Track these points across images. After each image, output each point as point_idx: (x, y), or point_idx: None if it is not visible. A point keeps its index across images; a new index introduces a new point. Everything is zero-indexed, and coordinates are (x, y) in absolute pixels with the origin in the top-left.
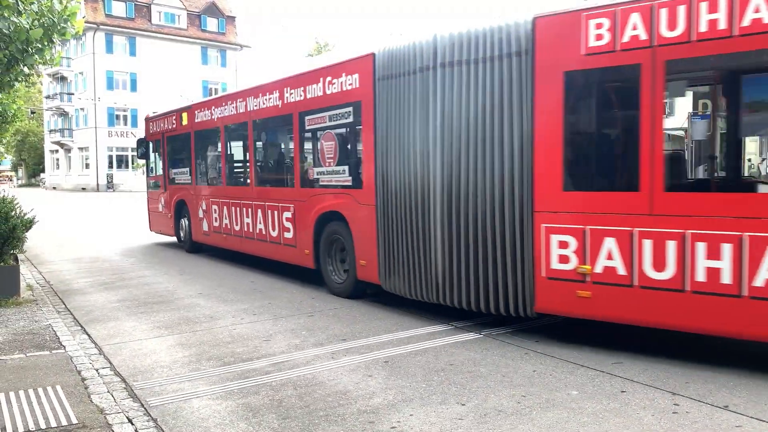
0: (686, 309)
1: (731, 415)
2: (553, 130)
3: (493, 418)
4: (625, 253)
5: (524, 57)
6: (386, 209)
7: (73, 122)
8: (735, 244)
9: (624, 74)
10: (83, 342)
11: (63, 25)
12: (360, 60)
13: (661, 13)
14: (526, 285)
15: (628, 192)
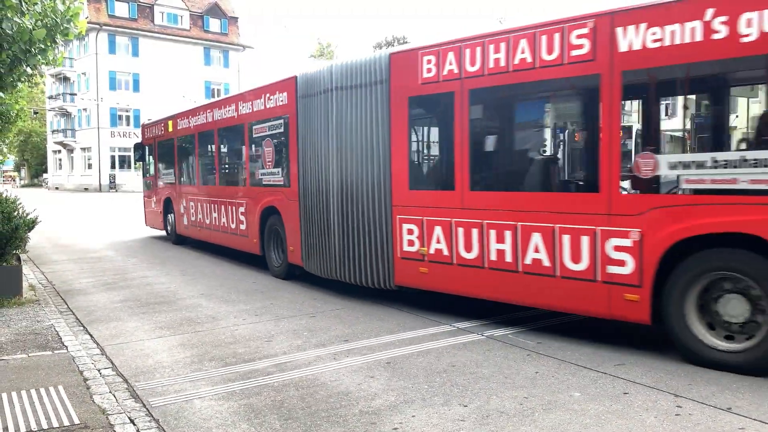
0: (486, 282)
1: (734, 417)
2: (402, 143)
3: (495, 419)
4: (447, 238)
5: (384, 84)
6: (305, 204)
7: (75, 123)
8: (512, 231)
9: (444, 99)
10: (85, 342)
11: (66, 26)
12: (287, 81)
13: (466, 52)
14: (389, 264)
15: (448, 191)
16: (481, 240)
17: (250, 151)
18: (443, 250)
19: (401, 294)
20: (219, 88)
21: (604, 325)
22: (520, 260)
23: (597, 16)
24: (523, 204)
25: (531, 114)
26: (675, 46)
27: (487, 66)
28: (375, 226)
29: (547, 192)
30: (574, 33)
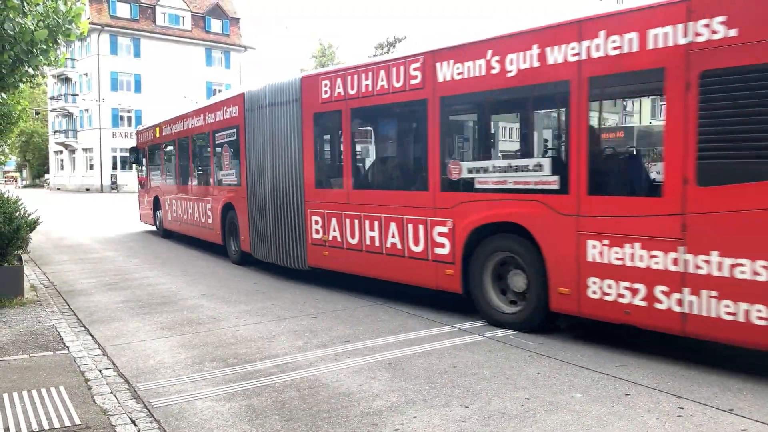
0: (364, 262)
1: (736, 418)
2: (310, 150)
3: (497, 420)
4: (339, 228)
5: (298, 103)
6: (251, 201)
7: (77, 123)
8: (378, 221)
9: (335, 116)
10: (87, 343)
11: (68, 26)
12: (238, 97)
13: (347, 79)
14: (303, 248)
15: (339, 189)
16: (360, 229)
17: (214, 156)
18: (337, 237)
19: (402, 294)
20: (220, 89)
21: (605, 326)
22: (383, 244)
23: (425, 54)
24: (384, 200)
25: (387, 129)
26: (470, 78)
27: (361, 91)
28: (295, 218)
29: (398, 191)
30: (411, 66)
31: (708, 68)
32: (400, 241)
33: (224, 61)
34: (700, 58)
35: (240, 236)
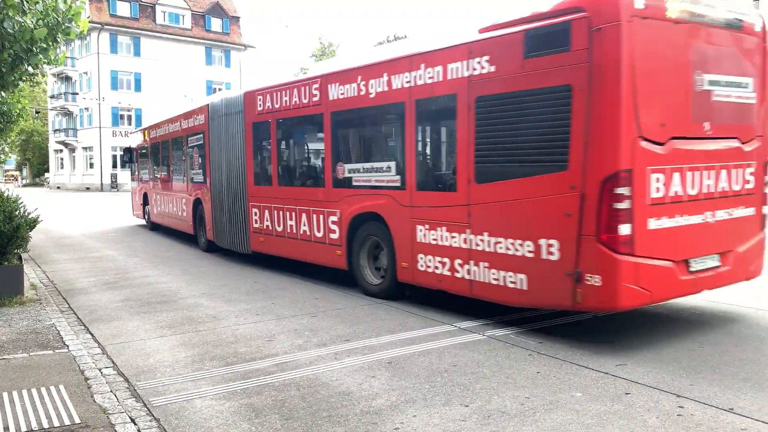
0: (288, 247)
1: (736, 417)
2: (249, 153)
3: (497, 419)
4: (270, 218)
5: (242, 114)
6: (212, 196)
7: (77, 122)
8: (295, 212)
9: (266, 125)
10: (86, 341)
11: (67, 25)
12: (204, 107)
13: (274, 95)
14: (247, 236)
15: (269, 186)
16: (283, 219)
17: (188, 157)
18: (269, 226)
19: (402, 294)
20: (220, 88)
21: (604, 325)
22: (298, 231)
23: (321, 77)
24: (298, 195)
25: (300, 137)
26: (348, 98)
27: (282, 105)
28: (241, 211)
29: (307, 187)
30: (313, 86)
31: (480, 94)
32: (308, 229)
33: (224, 60)
34: (475, 86)
35: (206, 227)
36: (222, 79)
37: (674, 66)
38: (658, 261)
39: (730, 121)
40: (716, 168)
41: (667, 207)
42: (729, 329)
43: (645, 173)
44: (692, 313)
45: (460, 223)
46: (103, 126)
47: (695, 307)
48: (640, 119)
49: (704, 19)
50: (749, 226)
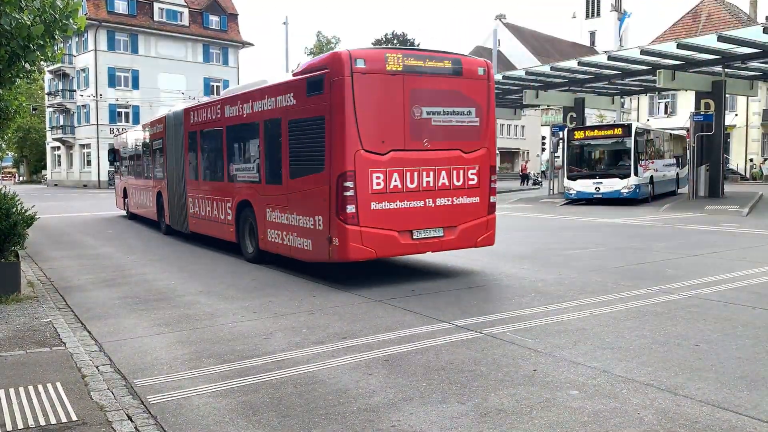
0: (208, 227)
1: (732, 415)
2: (186, 155)
3: (494, 417)
4: (198, 206)
5: (182, 125)
6: (168, 189)
7: (74, 119)
8: (210, 201)
9: (194, 135)
10: (84, 339)
11: (65, 22)
12: (163, 118)
13: (199, 111)
14: (186, 219)
15: (197, 180)
16: (205, 206)
17: (153, 158)
18: (198, 211)
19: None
20: (218, 85)
21: (601, 325)
22: (212, 215)
23: (221, 100)
24: (213, 187)
25: (213, 144)
26: (233, 116)
27: (204, 119)
28: (183, 200)
29: (216, 181)
30: (217, 107)
31: (291, 119)
32: (218, 213)
33: (222, 58)
34: (288, 113)
35: (165, 214)
36: (220, 76)
37: (393, 102)
38: (380, 230)
39: (451, 137)
40: (436, 170)
41: (387, 195)
42: (726, 328)
43: (367, 173)
44: (687, 313)
45: (284, 206)
46: (100, 123)
47: (690, 306)
48: (362, 138)
49: (422, 70)
50: (474, 210)
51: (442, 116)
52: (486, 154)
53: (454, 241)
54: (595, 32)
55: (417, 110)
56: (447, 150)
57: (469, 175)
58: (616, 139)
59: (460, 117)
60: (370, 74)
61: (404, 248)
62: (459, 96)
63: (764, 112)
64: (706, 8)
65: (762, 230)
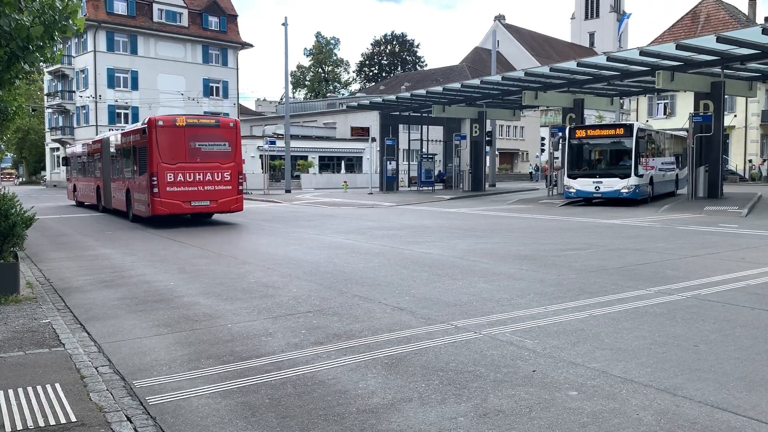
0: (118, 204)
1: (731, 416)
2: (110, 164)
3: (493, 418)
4: (114, 192)
5: (108, 145)
6: (105, 184)
7: (74, 120)
8: (117, 188)
9: (106, 150)
10: (83, 340)
11: (64, 23)
12: (100, 139)
13: (112, 137)
14: (111, 201)
15: (112, 178)
16: (116, 193)
17: (96, 164)
18: (115, 196)
19: (399, 293)
20: (218, 86)
21: (600, 325)
22: (119, 197)
23: (111, 135)
24: (119, 180)
25: (120, 157)
26: (118, 143)
27: (113, 143)
28: (108, 189)
29: (120, 179)
30: (113, 137)
31: (138, 146)
32: (121, 196)
33: (221, 58)
34: (137, 144)
35: (102, 200)
36: (219, 77)
37: (178, 140)
38: (172, 201)
39: (214, 157)
40: (204, 172)
41: (175, 184)
42: (725, 329)
43: (164, 173)
44: (686, 314)
45: (138, 190)
46: (99, 124)
47: (689, 307)
48: (161, 156)
49: (197, 124)
50: (227, 192)
51: (207, 147)
52: (234, 165)
53: (216, 208)
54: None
55: (192, 144)
56: (211, 163)
57: (224, 176)
58: (617, 138)
59: (219, 147)
60: (165, 128)
61: (185, 210)
62: (218, 137)
63: (763, 113)
64: (705, 9)
65: (761, 231)
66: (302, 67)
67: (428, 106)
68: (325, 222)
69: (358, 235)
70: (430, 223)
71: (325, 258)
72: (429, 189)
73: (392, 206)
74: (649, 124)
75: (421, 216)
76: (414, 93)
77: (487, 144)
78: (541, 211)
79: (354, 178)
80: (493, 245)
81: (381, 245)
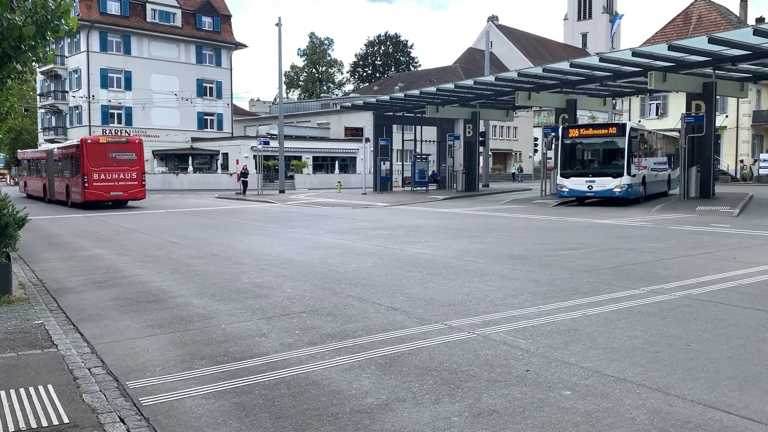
0: (60, 196)
1: (724, 415)
2: (52, 168)
3: (486, 417)
4: (58, 186)
5: (51, 154)
6: (49, 181)
7: (67, 120)
8: (60, 183)
9: (50, 158)
10: (76, 341)
11: (56, 23)
12: (46, 150)
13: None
14: (55, 194)
15: (55, 177)
16: (59, 188)
17: (43, 167)
18: (57, 191)
19: (393, 292)
20: (211, 86)
21: (593, 325)
22: (62, 190)
23: (62, 148)
24: (61, 180)
25: (59, 164)
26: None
27: (55, 153)
28: (53, 185)
29: (62, 178)
30: (56, 149)
31: (74, 156)
32: (62, 190)
33: (215, 59)
34: (74, 154)
35: (48, 193)
36: (213, 77)
37: (101, 152)
38: (97, 191)
39: (125, 163)
40: (119, 173)
41: (99, 180)
42: (717, 328)
43: (91, 174)
44: (678, 313)
45: (74, 185)
46: (93, 124)
47: (682, 306)
48: (90, 163)
49: (114, 141)
50: (135, 186)
51: (120, 156)
52: (139, 168)
53: (126, 196)
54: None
55: (111, 155)
56: (122, 167)
57: (132, 175)
58: (610, 138)
59: (128, 156)
60: (92, 144)
61: (106, 197)
62: (128, 150)
63: (754, 114)
64: (697, 10)
65: (752, 231)
66: (296, 67)
67: (422, 107)
68: (319, 222)
69: (352, 236)
70: (424, 223)
71: (319, 258)
72: (423, 189)
73: (386, 206)
74: (642, 124)
75: (415, 216)
76: (408, 93)
77: (481, 144)
78: (535, 211)
79: (348, 179)
80: (487, 245)
81: (375, 245)
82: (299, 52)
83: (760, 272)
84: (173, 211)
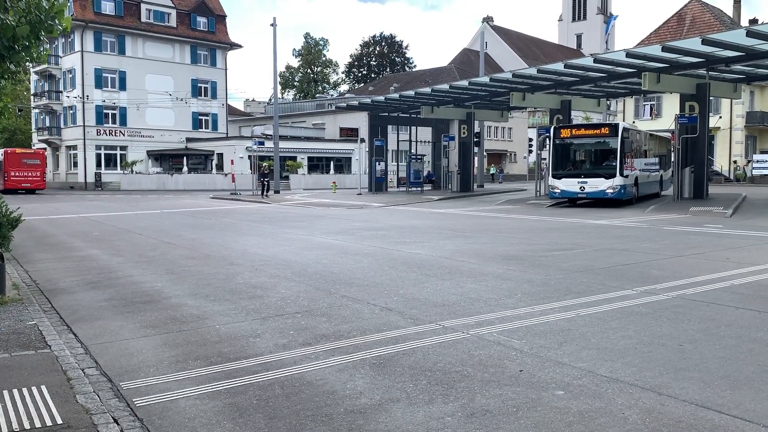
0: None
1: (716, 414)
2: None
3: (480, 417)
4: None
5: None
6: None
7: (61, 120)
8: None
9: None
10: (69, 341)
11: (50, 23)
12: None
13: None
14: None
15: None
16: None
17: None
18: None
19: (388, 293)
20: (206, 87)
21: (587, 325)
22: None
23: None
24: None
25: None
26: None
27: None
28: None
29: None
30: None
31: None
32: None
33: (210, 59)
34: None
35: None
36: (208, 77)
37: (17, 159)
38: (13, 183)
39: (33, 167)
40: (27, 171)
41: (14, 175)
42: (709, 328)
43: (9, 172)
44: (671, 313)
45: None
46: (87, 124)
47: (675, 306)
48: (9, 165)
49: (24, 152)
50: (39, 180)
51: (29, 163)
52: (42, 169)
53: (32, 186)
54: (581, 35)
55: (24, 162)
56: (30, 168)
57: (36, 173)
58: (602, 138)
59: (34, 161)
60: (10, 154)
61: (19, 187)
62: (35, 156)
63: (747, 115)
64: (691, 12)
65: (745, 231)
66: (291, 67)
67: (417, 107)
68: (313, 222)
69: (346, 236)
70: (419, 223)
71: (314, 259)
72: (418, 190)
73: (381, 207)
74: (634, 125)
75: (410, 216)
76: (403, 94)
77: (476, 145)
78: (529, 212)
79: (343, 179)
80: (481, 245)
81: (370, 246)
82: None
83: (753, 272)
84: (168, 212)
